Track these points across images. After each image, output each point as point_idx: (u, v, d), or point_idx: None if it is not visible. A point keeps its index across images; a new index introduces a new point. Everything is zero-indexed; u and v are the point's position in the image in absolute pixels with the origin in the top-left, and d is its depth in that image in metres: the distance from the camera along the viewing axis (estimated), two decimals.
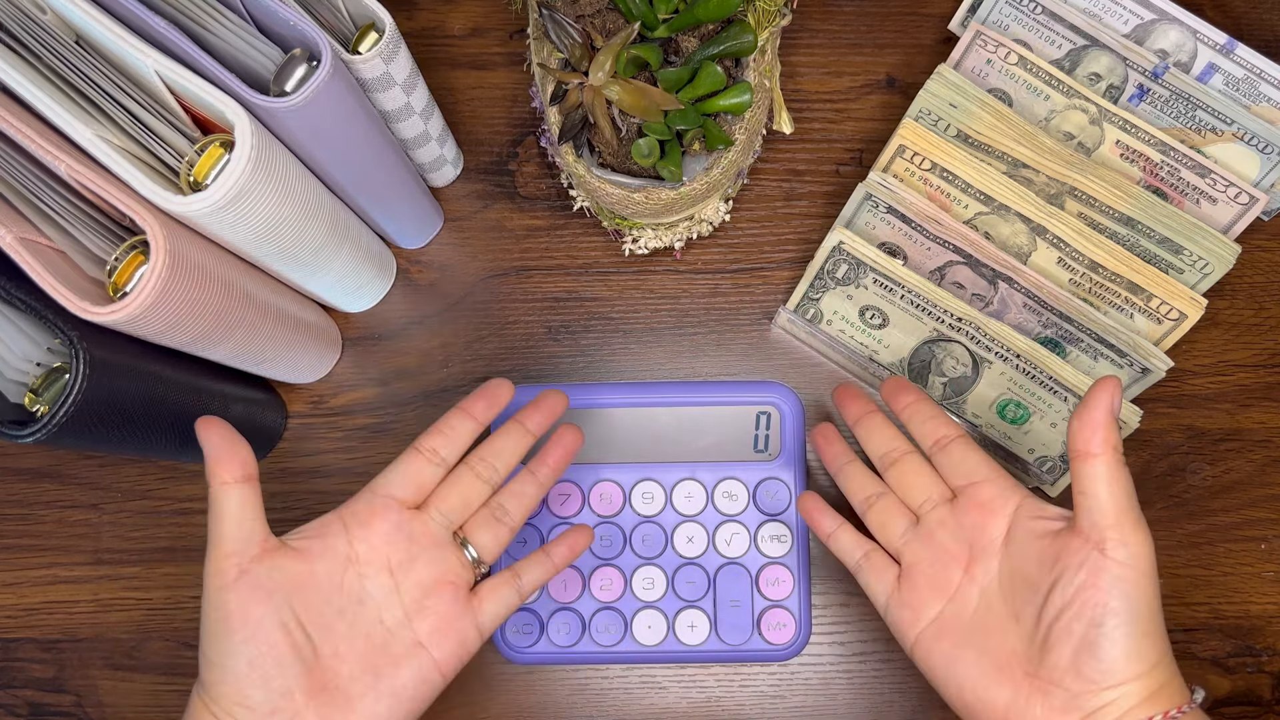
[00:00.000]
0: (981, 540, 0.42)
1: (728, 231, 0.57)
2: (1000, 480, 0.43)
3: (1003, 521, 0.42)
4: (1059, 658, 0.38)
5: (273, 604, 0.39)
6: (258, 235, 0.43)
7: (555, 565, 0.46)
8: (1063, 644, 0.38)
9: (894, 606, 0.44)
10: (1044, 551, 0.40)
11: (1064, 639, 0.38)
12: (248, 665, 0.38)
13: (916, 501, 0.45)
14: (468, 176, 0.58)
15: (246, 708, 0.38)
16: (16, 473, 0.55)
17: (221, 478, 0.40)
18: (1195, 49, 0.53)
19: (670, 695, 0.53)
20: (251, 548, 0.40)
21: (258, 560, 0.40)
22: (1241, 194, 0.51)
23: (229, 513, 0.40)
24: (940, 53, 0.59)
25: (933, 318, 0.51)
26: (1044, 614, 0.39)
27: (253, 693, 0.38)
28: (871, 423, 0.47)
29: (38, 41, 0.40)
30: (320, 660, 0.40)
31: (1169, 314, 0.50)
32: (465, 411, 0.45)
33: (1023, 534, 0.41)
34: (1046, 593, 0.39)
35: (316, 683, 0.40)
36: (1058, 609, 0.38)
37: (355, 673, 0.40)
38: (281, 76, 0.40)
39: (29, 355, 0.42)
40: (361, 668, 0.41)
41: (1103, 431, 0.39)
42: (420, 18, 0.60)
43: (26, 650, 0.54)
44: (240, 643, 0.38)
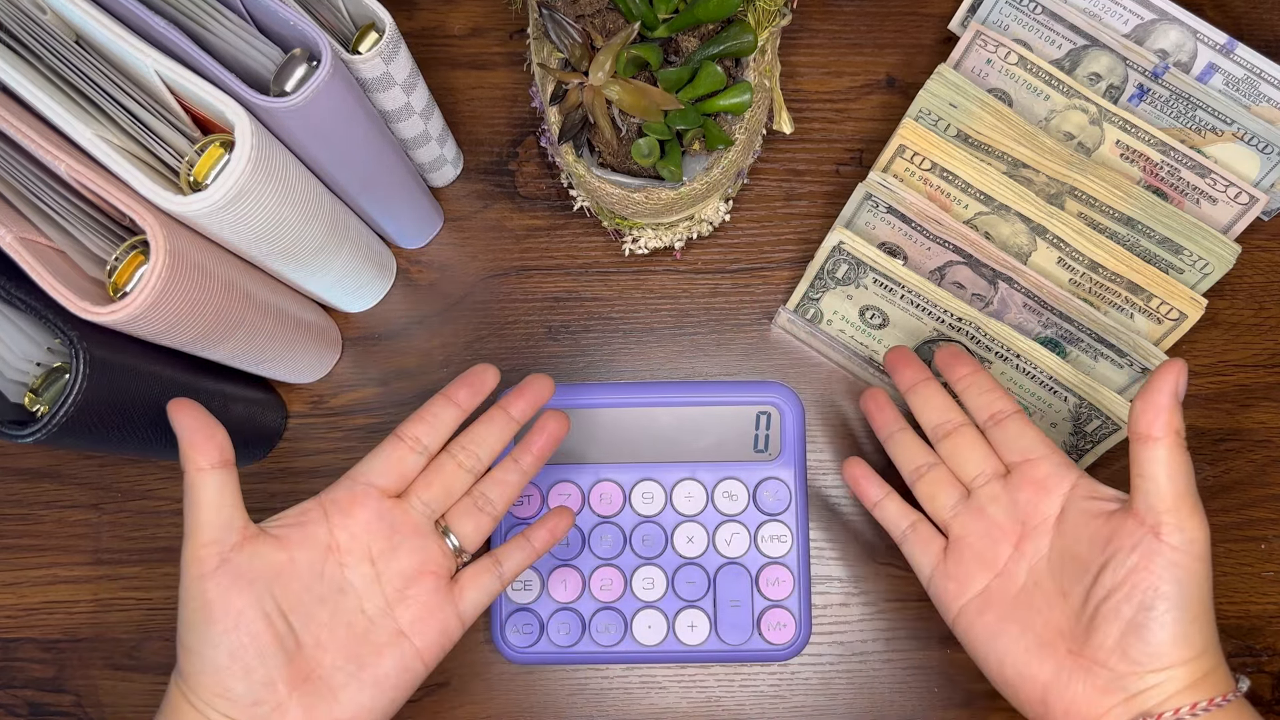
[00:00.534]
0: (1034, 517, 0.42)
1: (728, 231, 0.57)
2: (1055, 458, 0.43)
3: (1057, 500, 0.42)
4: (1105, 638, 0.38)
5: (254, 593, 0.39)
6: (258, 235, 0.43)
7: (536, 550, 0.46)
8: (1110, 624, 0.38)
9: (939, 578, 0.44)
10: (1097, 532, 0.40)
11: (1112, 619, 0.38)
12: (229, 656, 0.38)
13: (969, 475, 0.44)
14: (468, 176, 0.58)
15: (227, 699, 0.38)
16: (16, 473, 0.55)
17: (197, 463, 0.39)
18: (1195, 49, 0.53)
19: (670, 695, 0.53)
20: (231, 535, 0.39)
21: (238, 548, 0.39)
22: (1241, 194, 0.51)
23: (207, 500, 0.39)
24: (940, 53, 0.59)
25: (933, 318, 0.51)
26: (1093, 594, 0.39)
27: (234, 684, 0.38)
28: (926, 390, 0.47)
29: (38, 41, 0.40)
30: (302, 650, 0.40)
31: (1169, 314, 0.50)
32: (448, 398, 0.45)
33: (1076, 513, 0.41)
34: (1097, 573, 0.39)
35: (299, 673, 0.39)
36: (1107, 589, 0.38)
37: (338, 662, 0.40)
38: (281, 76, 0.40)
39: (29, 355, 0.42)
40: (344, 657, 0.40)
41: (1165, 415, 0.38)
42: (420, 18, 0.60)
43: (26, 650, 0.54)
44: (221, 633, 0.38)
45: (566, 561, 0.52)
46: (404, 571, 0.42)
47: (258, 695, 0.38)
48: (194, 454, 0.39)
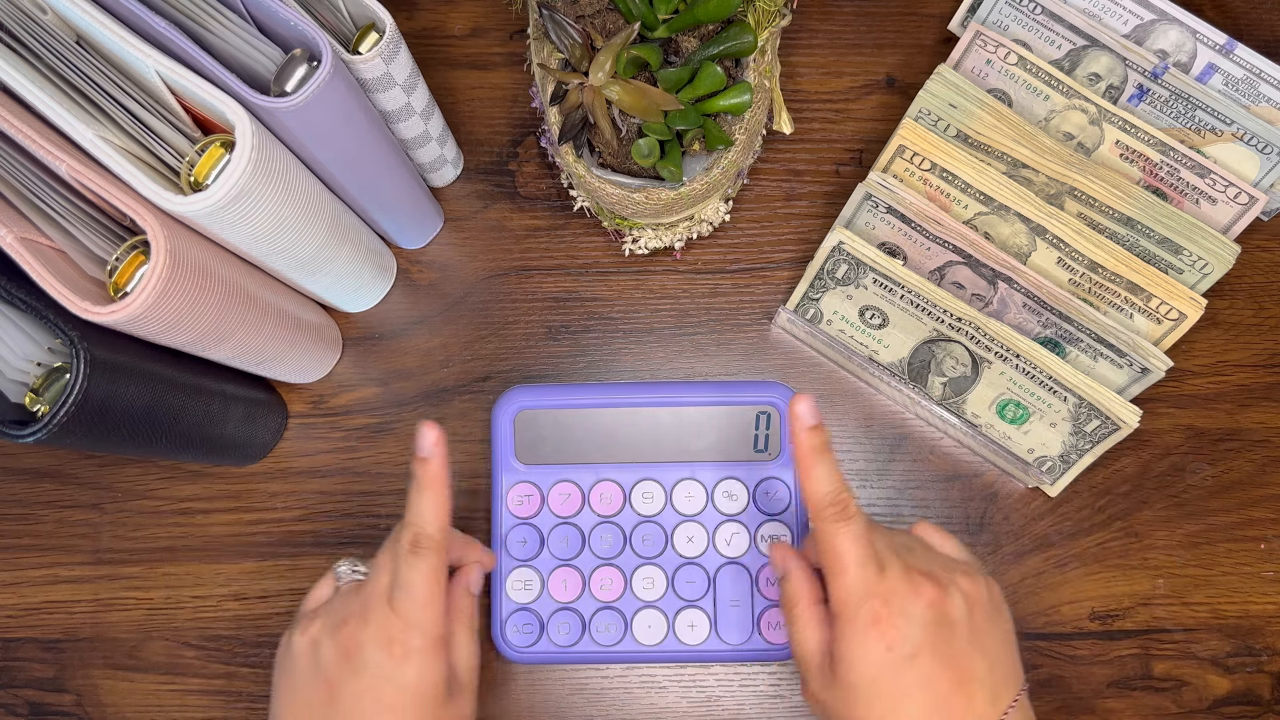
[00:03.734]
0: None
1: (728, 231, 0.57)
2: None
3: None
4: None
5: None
6: (258, 235, 0.43)
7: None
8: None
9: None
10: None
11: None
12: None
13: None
14: (468, 176, 0.58)
15: None
16: (17, 473, 0.55)
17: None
18: (1195, 49, 0.53)
19: (670, 695, 0.53)
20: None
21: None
22: (1241, 194, 0.51)
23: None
24: (940, 53, 0.59)
25: (932, 318, 0.51)
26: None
27: None
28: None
29: (38, 42, 0.40)
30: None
31: (1168, 314, 0.50)
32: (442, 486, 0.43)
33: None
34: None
35: None
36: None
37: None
38: (282, 77, 0.40)
39: (30, 355, 0.42)
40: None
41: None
42: (420, 18, 0.60)
43: (27, 650, 0.54)
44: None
45: (567, 561, 0.52)
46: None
47: None
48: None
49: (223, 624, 0.54)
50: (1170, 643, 0.53)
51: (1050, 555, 0.53)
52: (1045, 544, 0.54)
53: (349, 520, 0.55)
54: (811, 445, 0.41)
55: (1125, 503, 0.54)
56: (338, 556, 0.54)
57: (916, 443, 0.55)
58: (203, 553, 0.54)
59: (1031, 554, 0.53)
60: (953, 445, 0.55)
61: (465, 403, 0.56)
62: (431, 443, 0.42)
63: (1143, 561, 0.53)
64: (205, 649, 0.53)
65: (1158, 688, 0.52)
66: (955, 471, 0.55)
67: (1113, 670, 0.52)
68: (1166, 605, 0.53)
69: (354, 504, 0.55)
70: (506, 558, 0.52)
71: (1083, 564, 0.53)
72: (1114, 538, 0.54)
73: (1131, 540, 0.54)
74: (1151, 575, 0.53)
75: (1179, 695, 0.52)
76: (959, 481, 0.54)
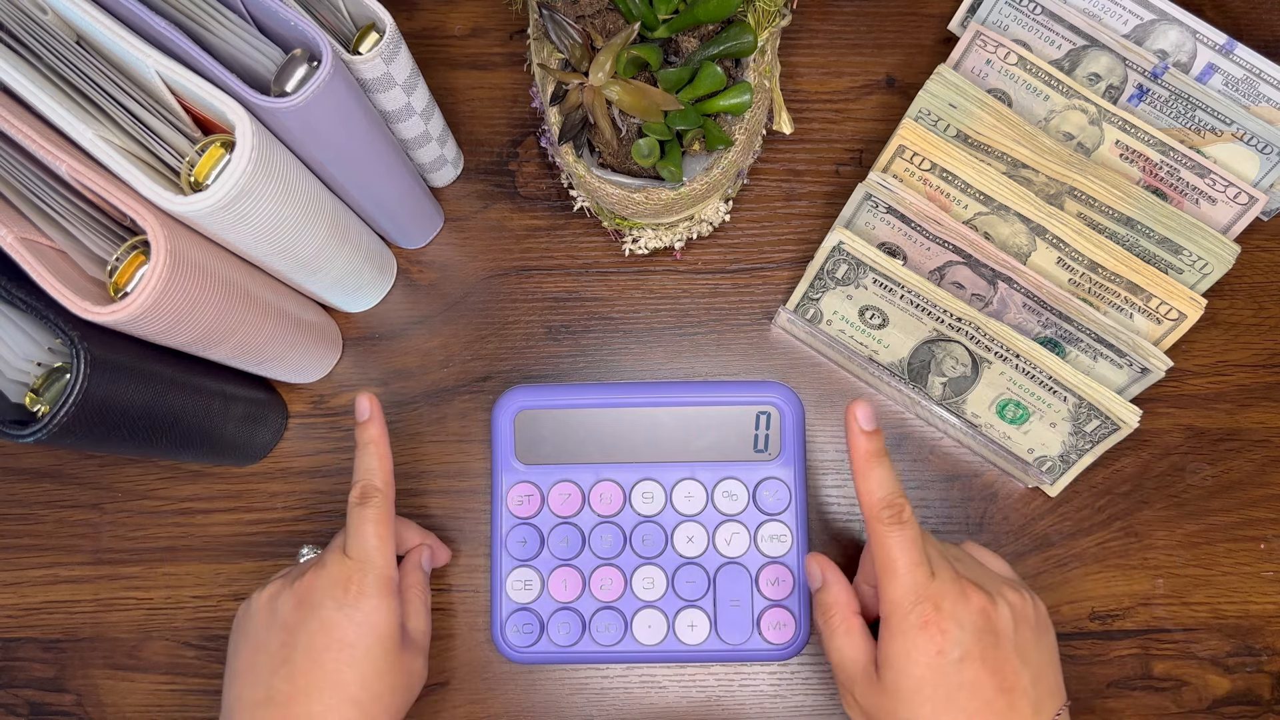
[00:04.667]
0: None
1: (728, 231, 0.57)
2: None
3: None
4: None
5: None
6: (258, 235, 0.43)
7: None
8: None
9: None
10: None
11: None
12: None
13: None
14: (468, 176, 0.58)
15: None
16: (17, 473, 0.55)
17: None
18: (1195, 49, 0.53)
19: (670, 695, 0.53)
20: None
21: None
22: (1241, 194, 0.51)
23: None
24: (940, 53, 0.59)
25: (932, 318, 0.51)
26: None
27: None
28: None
29: (38, 41, 0.40)
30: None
31: (1168, 314, 0.50)
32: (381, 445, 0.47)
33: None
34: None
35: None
36: None
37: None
38: (282, 77, 0.40)
39: (30, 355, 0.42)
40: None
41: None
42: (420, 18, 0.60)
43: (27, 650, 0.54)
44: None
45: (567, 561, 0.52)
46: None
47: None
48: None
49: (223, 624, 0.54)
50: (1170, 643, 0.53)
51: (1050, 555, 0.53)
52: (1045, 544, 0.54)
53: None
54: (868, 450, 0.42)
55: (1125, 503, 0.54)
56: None
57: (916, 443, 0.55)
58: (203, 553, 0.54)
59: (1031, 554, 0.53)
60: (953, 445, 0.55)
61: (465, 403, 0.56)
62: (367, 407, 0.47)
63: (1143, 561, 0.53)
64: (205, 649, 0.53)
65: (1158, 688, 0.52)
66: (955, 471, 0.55)
67: (1113, 670, 0.52)
68: (1166, 605, 0.53)
69: None
70: (506, 558, 0.52)
71: (1083, 564, 0.53)
72: (1114, 538, 0.54)
73: (1131, 540, 0.54)
74: (1151, 575, 0.53)
75: (1179, 695, 0.52)
76: (959, 481, 0.54)
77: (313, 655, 0.42)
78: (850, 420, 0.42)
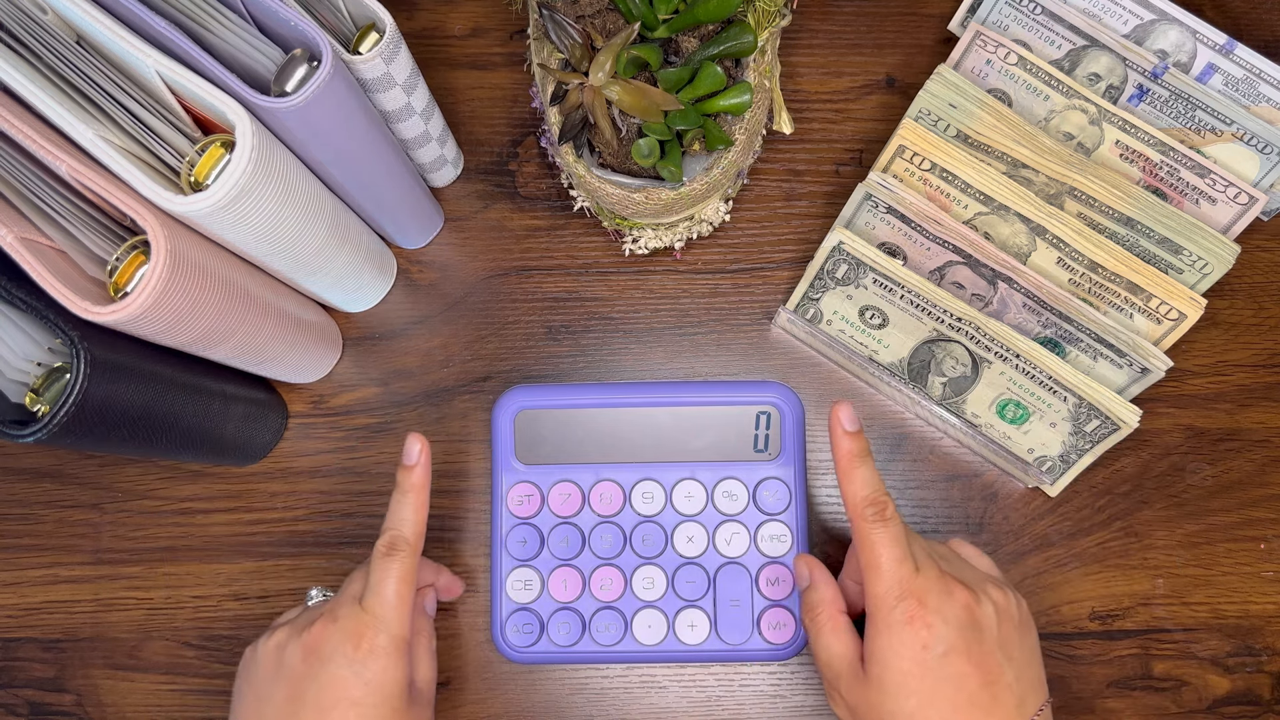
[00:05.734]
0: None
1: (728, 231, 0.57)
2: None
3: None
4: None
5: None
6: (258, 235, 0.43)
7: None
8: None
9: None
10: None
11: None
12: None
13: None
14: (468, 176, 0.58)
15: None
16: (17, 473, 0.55)
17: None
18: (1195, 49, 0.53)
19: (670, 695, 0.53)
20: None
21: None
22: (1241, 194, 0.51)
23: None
24: (940, 53, 0.59)
25: (932, 318, 0.51)
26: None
27: None
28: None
29: (38, 41, 0.40)
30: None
31: (1168, 314, 0.50)
32: (418, 493, 0.45)
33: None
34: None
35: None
36: None
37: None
38: (282, 77, 0.40)
39: (30, 355, 0.42)
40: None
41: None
42: (420, 18, 0.60)
43: (27, 650, 0.54)
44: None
45: (567, 561, 0.52)
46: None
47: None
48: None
49: (223, 624, 0.54)
50: (1170, 643, 0.53)
51: (1050, 555, 0.53)
52: (1045, 544, 0.54)
53: (349, 520, 0.55)
54: (851, 450, 0.43)
55: (1125, 503, 0.54)
56: (338, 556, 0.54)
57: (916, 443, 0.55)
58: (203, 553, 0.54)
59: (1031, 554, 0.53)
60: (953, 445, 0.55)
61: (465, 403, 0.56)
62: (418, 451, 0.44)
63: (1143, 561, 0.53)
64: (205, 649, 0.54)
65: (1158, 688, 0.52)
66: (955, 471, 0.55)
67: (1113, 670, 0.52)
68: (1166, 605, 0.53)
69: (354, 504, 0.55)
70: (506, 558, 0.52)
71: (1083, 564, 0.53)
72: (1114, 538, 0.54)
73: (1131, 540, 0.54)
74: (1151, 575, 0.53)
75: (1179, 695, 0.52)
76: (959, 481, 0.54)
77: (320, 711, 0.41)
78: (834, 422, 0.43)
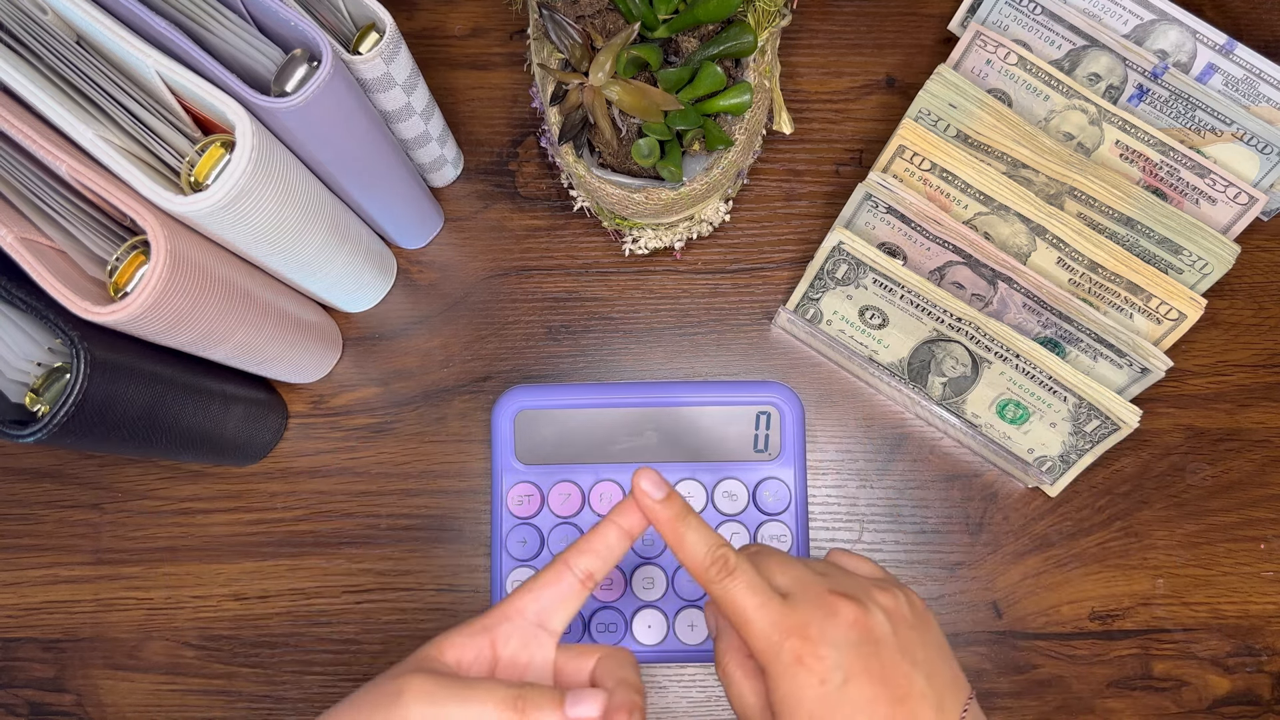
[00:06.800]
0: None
1: (728, 231, 0.57)
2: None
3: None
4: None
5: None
6: (258, 235, 0.43)
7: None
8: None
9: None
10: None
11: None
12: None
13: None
14: (468, 176, 0.58)
15: None
16: (17, 473, 0.55)
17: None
18: (1195, 49, 0.53)
19: (670, 695, 0.53)
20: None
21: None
22: (1241, 194, 0.51)
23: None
24: (940, 53, 0.59)
25: (932, 318, 0.51)
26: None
27: None
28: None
29: (38, 41, 0.40)
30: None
31: (1168, 314, 0.50)
32: (621, 529, 0.40)
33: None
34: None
35: None
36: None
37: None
38: (282, 77, 0.40)
39: (30, 355, 0.42)
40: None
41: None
42: (420, 18, 0.60)
43: (27, 650, 0.54)
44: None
45: None
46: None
47: None
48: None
49: (223, 624, 0.54)
50: (1170, 643, 0.53)
51: (1050, 555, 0.53)
52: (1045, 544, 0.54)
53: (349, 520, 0.55)
54: (669, 516, 0.39)
55: (1125, 503, 0.54)
56: (338, 556, 0.54)
57: (916, 443, 0.55)
58: (203, 553, 0.54)
59: (1031, 554, 0.53)
60: (953, 445, 0.55)
61: (465, 403, 0.56)
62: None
63: (1143, 561, 0.53)
64: (205, 649, 0.54)
65: (1158, 688, 0.52)
66: (955, 471, 0.55)
67: (1113, 670, 0.52)
68: (1166, 605, 0.53)
69: (354, 504, 0.55)
70: (506, 558, 0.52)
71: (1083, 564, 0.53)
72: (1114, 538, 0.54)
73: (1131, 540, 0.54)
74: (1151, 575, 0.53)
75: (1179, 695, 0.52)
76: (959, 481, 0.54)
77: None
78: (638, 494, 0.39)
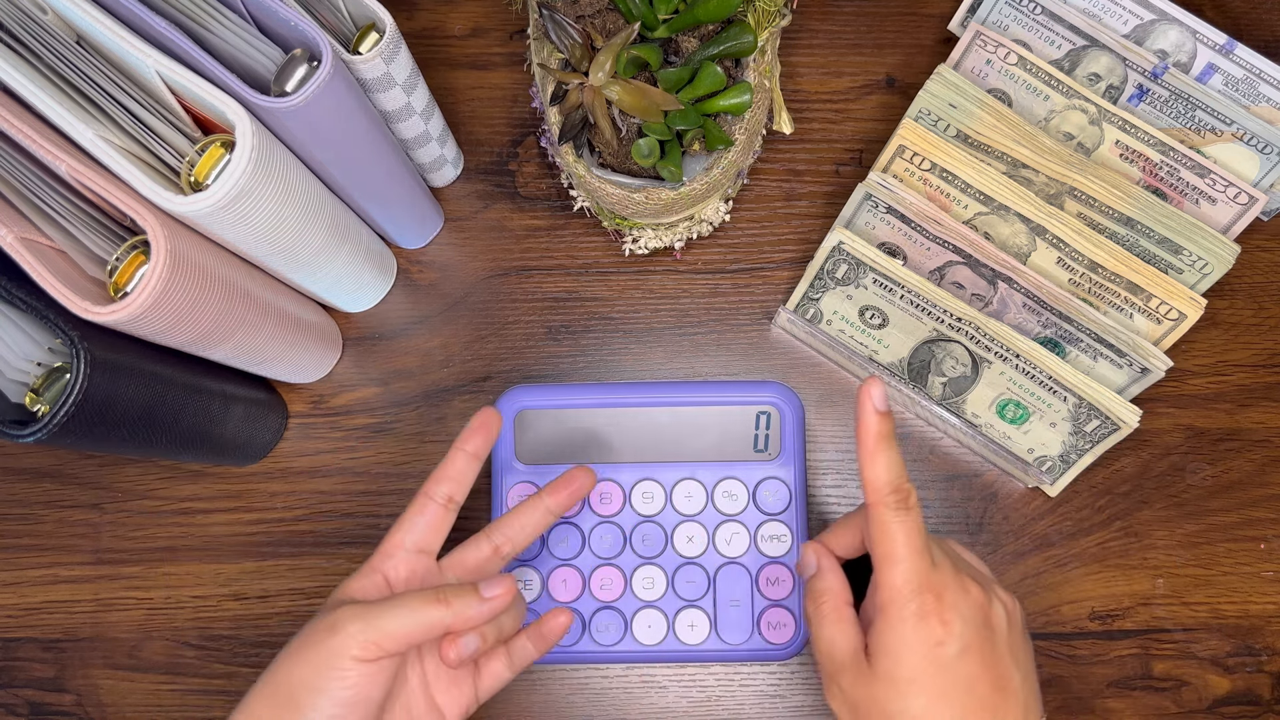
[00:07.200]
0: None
1: (728, 231, 0.57)
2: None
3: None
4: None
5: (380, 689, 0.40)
6: (258, 235, 0.43)
7: (544, 644, 0.46)
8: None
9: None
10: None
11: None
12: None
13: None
14: (468, 176, 0.58)
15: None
16: (17, 473, 0.55)
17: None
18: (1195, 49, 0.53)
19: (670, 695, 0.53)
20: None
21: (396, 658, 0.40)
22: (1241, 194, 0.51)
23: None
24: (940, 53, 0.59)
25: (932, 318, 0.51)
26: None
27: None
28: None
29: (38, 41, 0.40)
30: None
31: (1168, 314, 0.50)
32: (466, 451, 0.45)
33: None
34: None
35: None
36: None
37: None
38: (282, 77, 0.40)
39: (30, 355, 0.42)
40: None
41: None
42: (420, 18, 0.60)
43: (27, 650, 0.54)
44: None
45: (566, 561, 0.52)
46: (449, 673, 0.44)
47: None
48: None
49: (223, 624, 0.54)
50: (1170, 643, 0.53)
51: (1050, 555, 0.53)
52: (1045, 544, 0.54)
53: (349, 520, 0.55)
54: (879, 431, 0.39)
55: (1125, 503, 0.54)
56: (338, 556, 0.54)
57: (916, 443, 0.55)
58: (203, 553, 0.54)
59: (1031, 554, 0.53)
60: (953, 445, 0.55)
61: (465, 403, 0.56)
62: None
63: (1143, 561, 0.53)
64: (205, 649, 0.54)
65: (1158, 688, 0.52)
66: (955, 471, 0.55)
67: (1113, 670, 0.52)
68: (1166, 605, 0.53)
69: (354, 504, 0.55)
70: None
71: (1083, 564, 0.53)
72: (1114, 538, 0.54)
73: (1131, 540, 0.54)
74: (1151, 575, 0.53)
75: (1179, 695, 0.52)
76: (959, 481, 0.54)
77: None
78: (863, 397, 0.39)
